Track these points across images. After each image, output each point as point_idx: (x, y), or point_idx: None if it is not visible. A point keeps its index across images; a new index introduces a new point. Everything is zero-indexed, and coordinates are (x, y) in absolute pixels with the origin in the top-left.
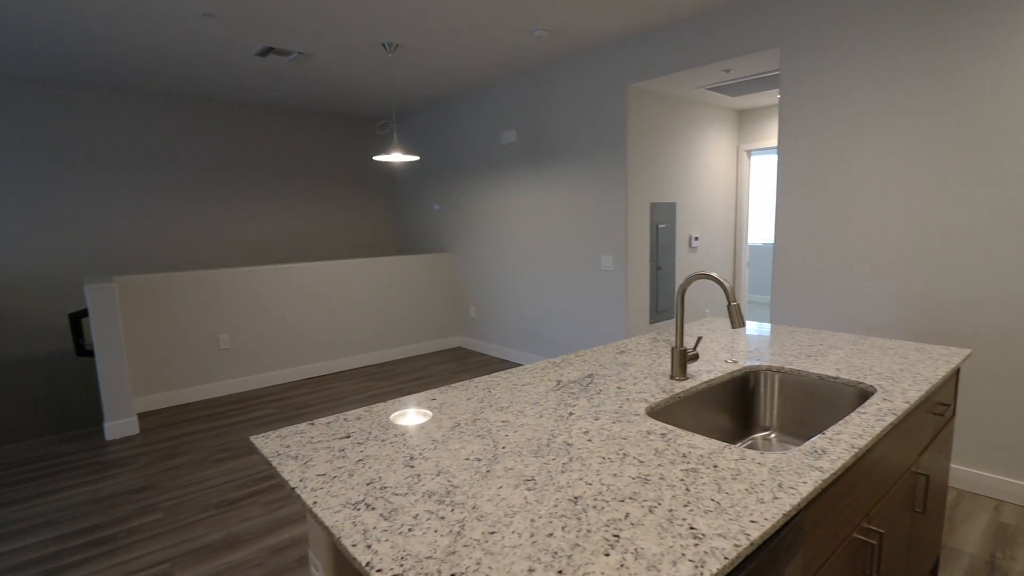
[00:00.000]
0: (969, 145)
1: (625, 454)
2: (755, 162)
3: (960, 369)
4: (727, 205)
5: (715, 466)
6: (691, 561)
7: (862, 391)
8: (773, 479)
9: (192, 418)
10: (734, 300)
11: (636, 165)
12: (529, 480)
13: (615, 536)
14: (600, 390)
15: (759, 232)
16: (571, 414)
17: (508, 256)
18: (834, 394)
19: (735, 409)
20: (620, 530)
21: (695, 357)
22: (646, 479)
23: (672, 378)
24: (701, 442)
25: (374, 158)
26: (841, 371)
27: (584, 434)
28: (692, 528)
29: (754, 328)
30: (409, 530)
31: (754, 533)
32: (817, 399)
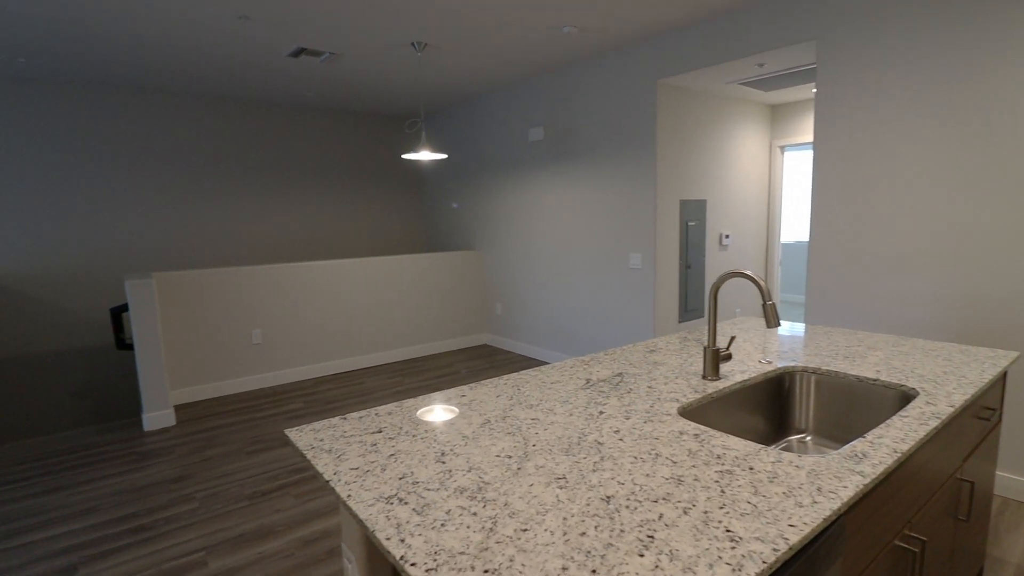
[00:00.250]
0: (1013, 141)
1: (658, 454)
2: (789, 158)
3: (1007, 372)
4: (759, 202)
5: (751, 468)
6: (728, 564)
7: (903, 394)
8: (812, 483)
9: (225, 411)
10: (770, 299)
11: (665, 161)
12: (560, 478)
13: (649, 537)
14: (630, 389)
15: (792, 229)
16: (601, 413)
17: (535, 253)
18: (873, 397)
19: (769, 411)
20: (654, 531)
21: (728, 357)
22: (680, 480)
23: (704, 378)
24: (736, 443)
25: (403, 156)
26: (881, 373)
27: (615, 433)
28: (728, 531)
29: (787, 328)
30: (442, 525)
31: (793, 537)
32: (855, 402)
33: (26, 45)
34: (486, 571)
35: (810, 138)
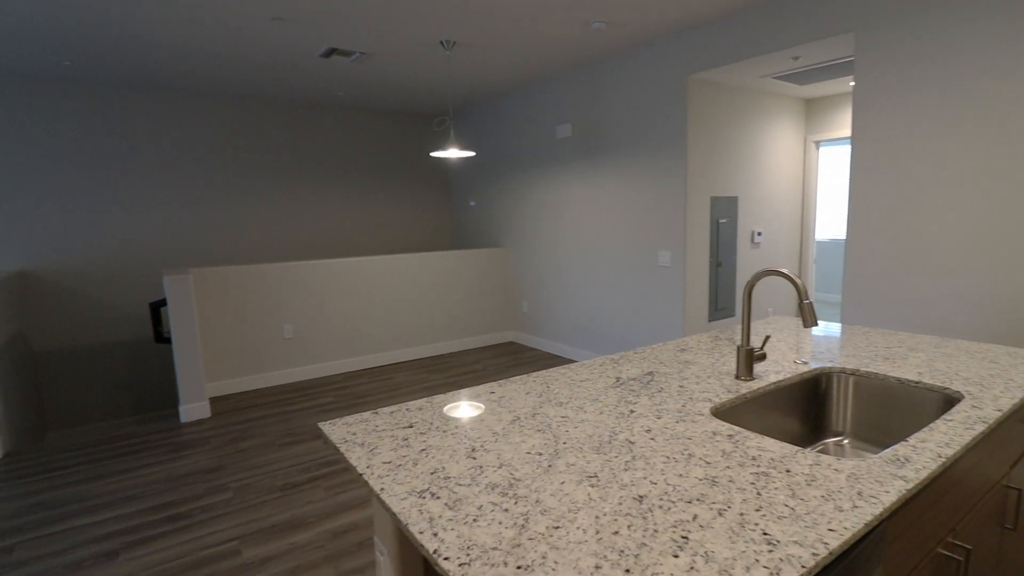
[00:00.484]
0: None
1: (691, 454)
2: (824, 153)
3: None
4: (793, 198)
5: (788, 471)
6: (766, 568)
7: (947, 397)
8: (852, 487)
9: (258, 404)
10: (807, 298)
11: (696, 158)
12: (592, 477)
13: (683, 537)
14: (661, 388)
15: (826, 227)
16: (632, 412)
17: (562, 251)
18: (915, 399)
19: (805, 412)
20: (688, 531)
21: (762, 357)
22: (714, 481)
23: (737, 378)
24: (771, 445)
25: (431, 154)
26: (923, 375)
27: (647, 432)
28: (765, 534)
29: (823, 328)
30: (474, 520)
31: (833, 542)
32: (896, 404)
33: (73, 49)
34: (519, 567)
35: (846, 133)
